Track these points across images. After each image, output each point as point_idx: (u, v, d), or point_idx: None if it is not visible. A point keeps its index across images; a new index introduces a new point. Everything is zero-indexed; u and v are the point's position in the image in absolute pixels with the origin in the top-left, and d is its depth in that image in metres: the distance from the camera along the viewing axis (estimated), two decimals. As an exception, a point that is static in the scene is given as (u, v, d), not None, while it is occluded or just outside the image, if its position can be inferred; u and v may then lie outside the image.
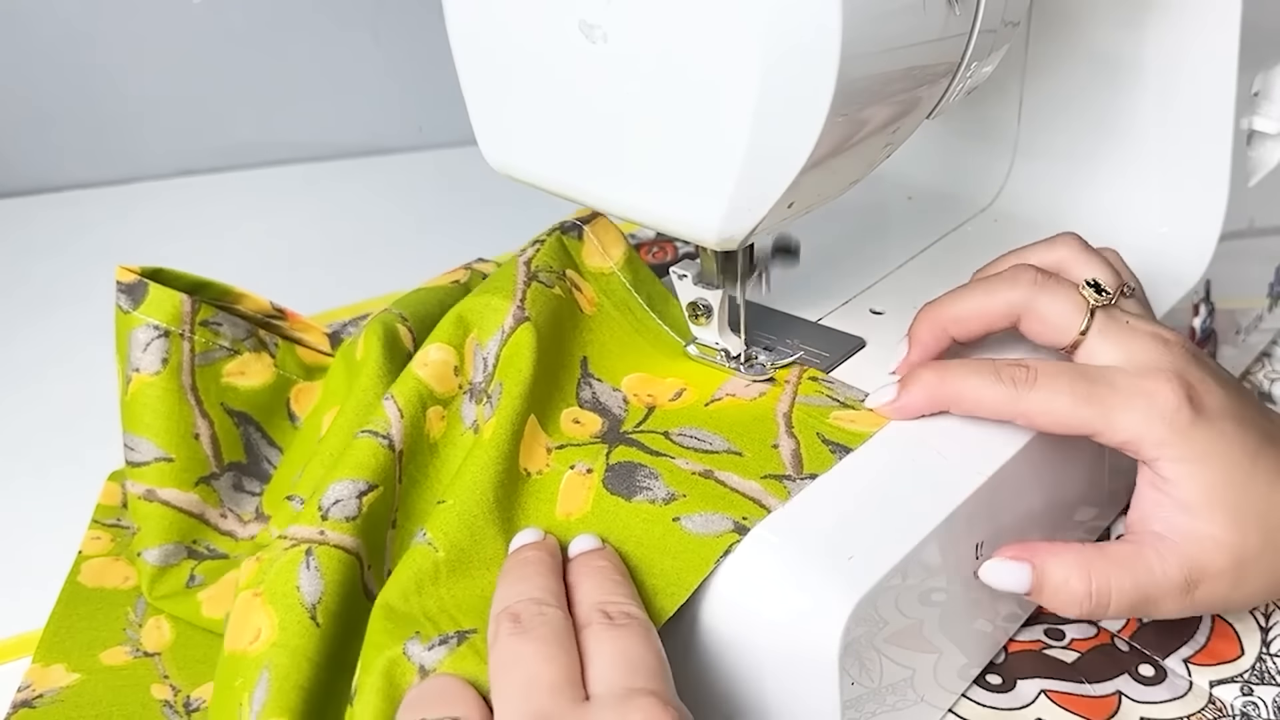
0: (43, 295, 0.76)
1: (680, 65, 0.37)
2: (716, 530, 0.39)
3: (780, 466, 0.42)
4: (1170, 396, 0.40)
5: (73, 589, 0.51)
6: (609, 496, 0.41)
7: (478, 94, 0.43)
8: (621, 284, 0.50)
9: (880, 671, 0.39)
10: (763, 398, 0.45)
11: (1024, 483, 0.44)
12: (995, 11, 0.39)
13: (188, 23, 0.88)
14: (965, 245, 0.56)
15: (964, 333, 0.45)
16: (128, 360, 0.49)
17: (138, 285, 0.49)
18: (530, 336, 0.44)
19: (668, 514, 0.40)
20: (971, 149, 0.60)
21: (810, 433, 0.43)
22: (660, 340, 0.49)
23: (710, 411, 0.45)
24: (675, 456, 0.42)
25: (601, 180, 0.42)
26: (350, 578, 0.41)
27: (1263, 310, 0.62)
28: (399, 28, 0.93)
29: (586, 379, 0.46)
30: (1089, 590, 0.40)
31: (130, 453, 0.49)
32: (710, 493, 0.41)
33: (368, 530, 0.42)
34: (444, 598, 0.39)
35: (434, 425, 0.45)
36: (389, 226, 0.83)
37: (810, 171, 0.37)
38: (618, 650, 0.34)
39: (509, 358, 0.44)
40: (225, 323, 0.51)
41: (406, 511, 0.44)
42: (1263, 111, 0.55)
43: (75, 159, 0.90)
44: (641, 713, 0.32)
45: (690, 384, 0.47)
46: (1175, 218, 0.55)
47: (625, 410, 0.45)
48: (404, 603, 0.39)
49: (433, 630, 0.38)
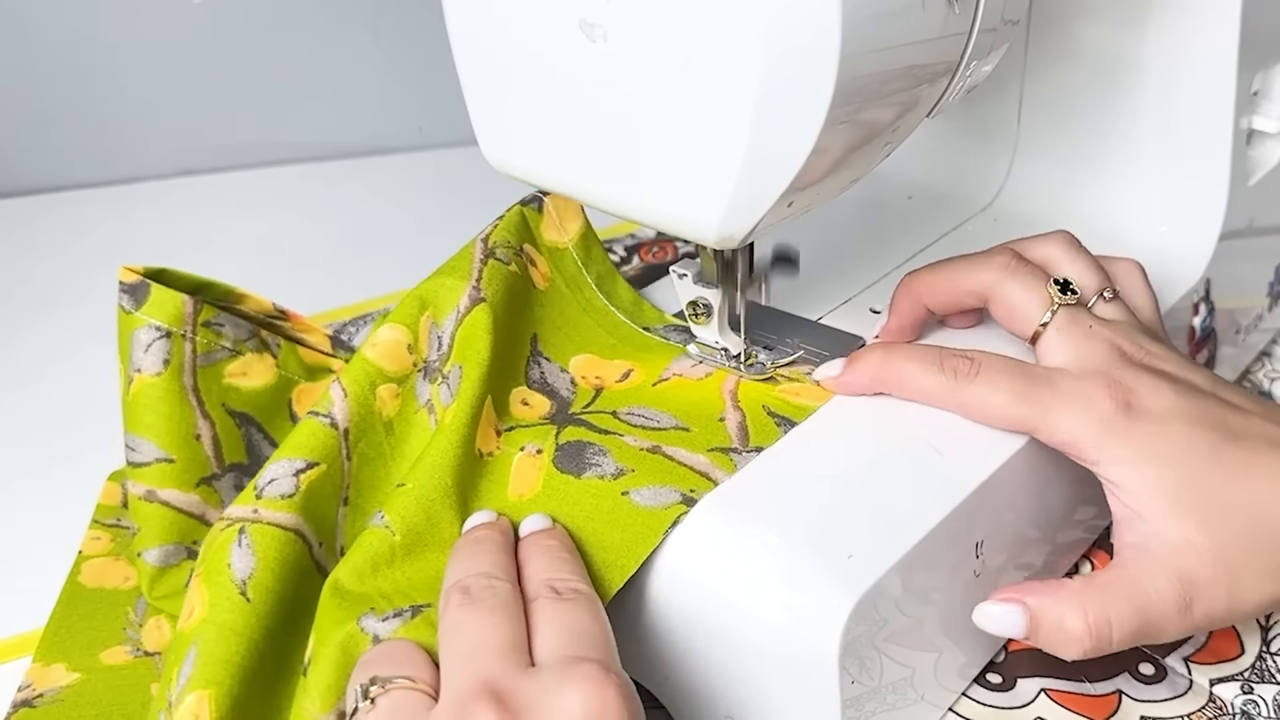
0: (43, 295, 0.76)
1: (680, 64, 0.37)
2: (665, 502, 0.40)
3: (727, 440, 0.43)
4: (1104, 400, 0.40)
5: (73, 589, 0.51)
6: (559, 475, 0.42)
7: (478, 94, 0.43)
8: (574, 260, 0.50)
9: (880, 670, 0.39)
10: (709, 377, 0.46)
11: (1024, 481, 0.44)
12: (995, 10, 0.40)
13: (188, 23, 0.88)
14: (965, 244, 0.56)
15: (936, 304, 0.46)
16: (129, 361, 0.49)
17: (140, 286, 0.49)
18: (486, 317, 0.44)
19: (617, 488, 0.41)
20: (971, 148, 0.61)
21: (756, 406, 0.44)
22: (606, 320, 0.50)
23: (658, 391, 0.46)
24: (624, 434, 0.43)
25: (602, 180, 0.42)
26: (290, 554, 0.41)
27: (1262, 309, 0.62)
28: (399, 28, 0.93)
29: (536, 357, 0.47)
30: (1086, 626, 0.38)
31: (131, 453, 0.49)
32: (658, 467, 0.42)
33: (310, 507, 0.43)
34: (398, 578, 0.40)
35: (386, 403, 0.45)
36: (389, 226, 0.83)
37: (810, 171, 0.37)
38: (563, 622, 0.35)
39: (465, 339, 0.44)
40: (227, 323, 0.51)
41: (360, 489, 0.45)
42: (1262, 111, 0.55)
43: (75, 159, 0.90)
44: (583, 679, 0.33)
45: (637, 365, 0.48)
46: (1175, 217, 0.55)
47: (573, 392, 0.46)
48: (358, 584, 0.40)
49: (387, 606, 0.38)
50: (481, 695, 0.32)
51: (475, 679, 0.33)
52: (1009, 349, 0.45)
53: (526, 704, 0.32)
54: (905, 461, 0.42)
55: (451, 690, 0.33)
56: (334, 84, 0.94)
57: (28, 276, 0.79)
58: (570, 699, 0.32)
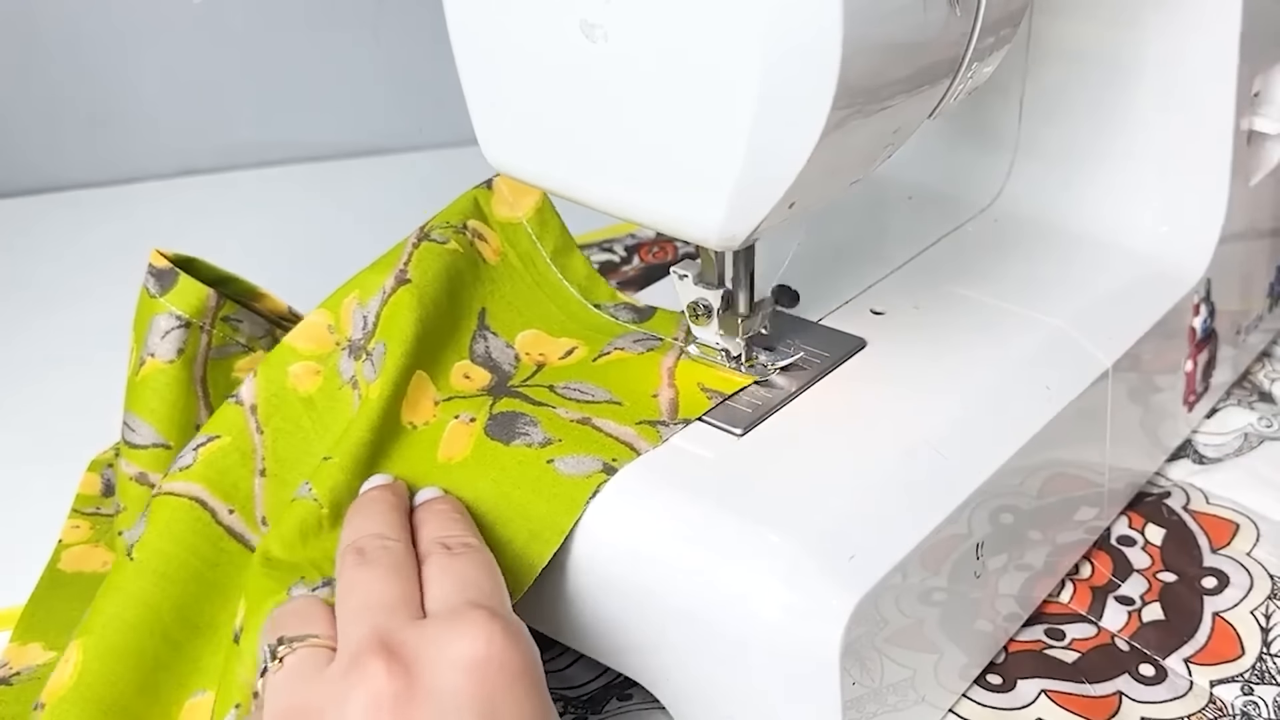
0: (44, 295, 0.76)
1: (681, 64, 0.37)
2: (586, 471, 0.41)
3: (656, 413, 0.44)
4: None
5: (52, 575, 0.51)
6: (488, 442, 0.43)
7: (478, 94, 0.43)
8: (527, 235, 0.51)
9: (881, 671, 0.39)
10: (649, 353, 0.47)
11: (1024, 482, 0.44)
12: (996, 12, 0.39)
13: (188, 23, 0.88)
14: (966, 245, 0.56)
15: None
16: (144, 343, 0.50)
17: (168, 273, 0.50)
18: (410, 296, 0.46)
19: (542, 456, 0.42)
20: (972, 149, 0.60)
21: (691, 383, 0.45)
22: (558, 296, 0.50)
23: (597, 366, 0.47)
24: (557, 406, 0.44)
25: (602, 180, 0.42)
26: (186, 517, 0.44)
27: (1263, 310, 0.62)
28: (399, 28, 0.93)
29: (482, 331, 0.48)
30: None
31: (129, 433, 0.50)
32: (585, 437, 0.42)
33: (212, 476, 0.45)
34: (328, 547, 0.41)
35: (303, 380, 0.47)
36: (389, 226, 0.82)
37: (811, 171, 0.37)
38: (454, 574, 0.36)
39: (389, 317, 0.45)
40: (246, 320, 0.52)
41: (279, 460, 0.46)
42: (1263, 112, 0.55)
43: (76, 159, 0.90)
44: (472, 622, 0.34)
45: (582, 342, 0.48)
46: (1175, 218, 0.55)
47: (515, 367, 0.47)
48: (288, 553, 0.41)
49: (316, 575, 0.40)
50: (373, 648, 0.33)
51: (368, 632, 0.34)
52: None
53: (415, 653, 0.33)
54: (906, 462, 0.42)
55: (346, 644, 0.34)
56: (334, 84, 0.94)
57: (28, 276, 0.79)
58: (458, 645, 0.33)
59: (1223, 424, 0.58)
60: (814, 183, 0.39)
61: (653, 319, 0.50)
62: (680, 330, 0.48)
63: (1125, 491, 0.53)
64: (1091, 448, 0.49)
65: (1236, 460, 0.56)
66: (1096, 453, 0.49)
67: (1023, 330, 0.49)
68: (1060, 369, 0.48)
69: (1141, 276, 0.54)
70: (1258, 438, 0.57)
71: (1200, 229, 0.55)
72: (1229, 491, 0.54)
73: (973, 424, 0.43)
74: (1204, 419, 0.59)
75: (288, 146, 0.93)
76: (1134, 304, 0.52)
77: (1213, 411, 0.59)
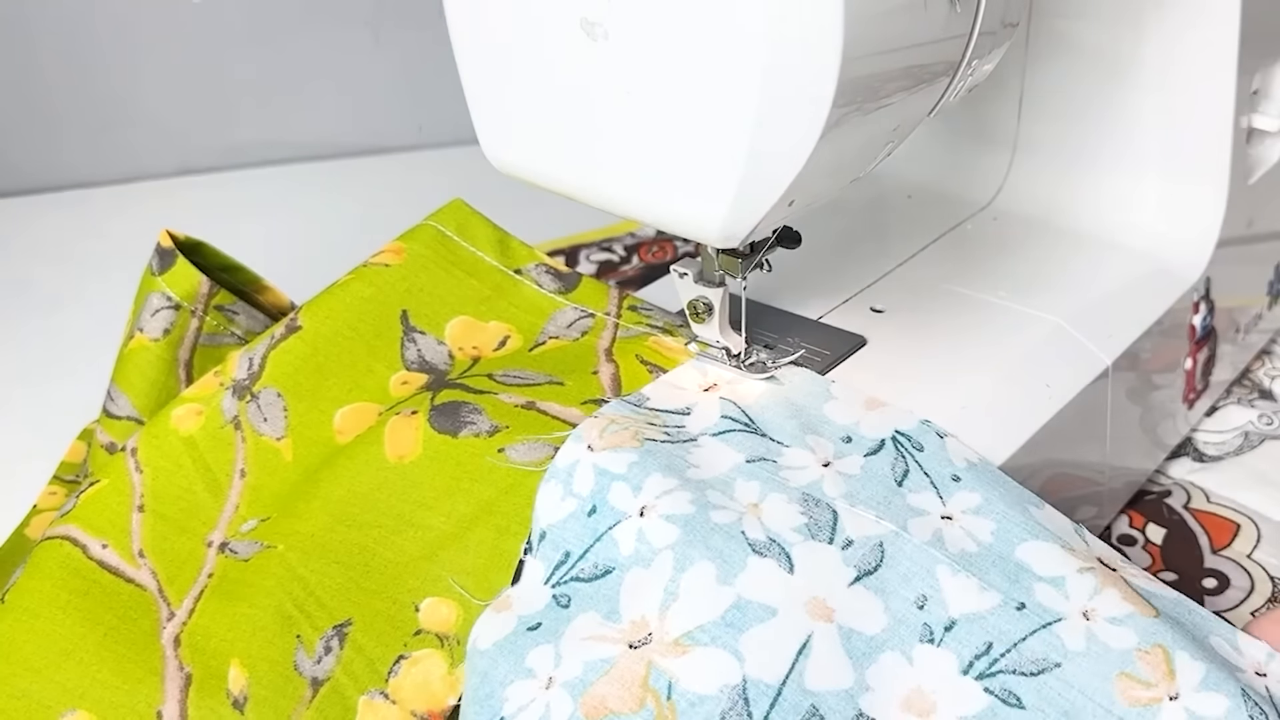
0: (44, 295, 0.77)
1: (681, 63, 0.37)
2: (538, 457, 0.40)
3: (600, 391, 0.43)
4: None
5: (16, 540, 0.52)
6: (437, 435, 0.42)
7: (479, 92, 0.43)
8: (425, 225, 0.51)
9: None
10: (586, 336, 0.47)
11: (1024, 481, 0.44)
12: (996, 10, 0.40)
13: (188, 23, 0.88)
14: (965, 243, 0.56)
15: None
16: (138, 317, 0.51)
17: (169, 254, 0.51)
18: (301, 345, 0.46)
19: (493, 445, 0.41)
20: (971, 147, 0.61)
21: (629, 356, 0.45)
22: (477, 269, 0.50)
23: (534, 356, 0.46)
24: (499, 393, 0.43)
25: (602, 179, 0.42)
26: (57, 554, 0.44)
27: (1262, 308, 0.62)
28: (399, 28, 0.93)
29: (410, 334, 0.47)
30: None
31: (110, 402, 0.50)
32: (533, 422, 0.42)
33: (88, 514, 0.45)
34: (310, 581, 0.41)
35: (185, 420, 0.47)
36: (389, 226, 0.82)
37: (811, 169, 0.38)
38: None
39: (278, 362, 0.46)
40: (243, 313, 0.52)
41: (158, 496, 0.46)
42: (1262, 109, 0.55)
43: (76, 158, 0.90)
44: None
45: (513, 328, 0.48)
46: (1175, 216, 0.55)
47: (450, 364, 0.47)
48: (295, 608, 0.41)
49: (314, 635, 0.40)
50: None
51: None
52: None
53: None
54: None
55: None
56: (334, 84, 0.94)
57: (28, 276, 0.79)
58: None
59: (1223, 422, 0.58)
60: (814, 180, 0.39)
61: (579, 289, 0.49)
62: (612, 305, 0.48)
63: (1125, 490, 0.53)
64: (1091, 446, 0.49)
65: (1237, 459, 0.56)
66: (1096, 451, 0.49)
67: (1022, 328, 0.49)
68: (1060, 367, 0.48)
69: (1141, 274, 0.54)
70: (1258, 436, 0.57)
71: (1200, 226, 0.55)
72: (1229, 490, 0.54)
73: (972, 422, 0.43)
74: (1204, 417, 0.59)
75: (288, 146, 0.93)
76: (1133, 301, 0.52)
77: (1213, 409, 0.59)
